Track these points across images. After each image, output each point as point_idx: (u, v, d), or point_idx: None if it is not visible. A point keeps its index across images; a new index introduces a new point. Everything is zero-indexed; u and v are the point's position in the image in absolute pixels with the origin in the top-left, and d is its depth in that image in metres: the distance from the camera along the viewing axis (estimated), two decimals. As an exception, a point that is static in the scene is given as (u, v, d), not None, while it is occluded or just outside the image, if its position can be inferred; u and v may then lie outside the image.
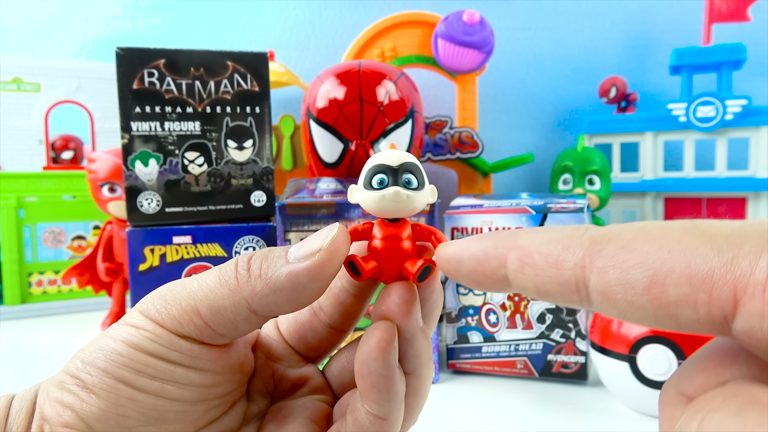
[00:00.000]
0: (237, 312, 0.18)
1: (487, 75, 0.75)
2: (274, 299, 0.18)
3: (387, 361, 0.17)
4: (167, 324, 0.18)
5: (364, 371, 0.17)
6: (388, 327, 0.17)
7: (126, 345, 0.18)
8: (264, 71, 0.43)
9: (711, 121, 0.62)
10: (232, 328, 0.18)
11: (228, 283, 0.18)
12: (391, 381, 0.17)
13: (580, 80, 0.76)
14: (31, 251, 0.64)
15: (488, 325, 0.43)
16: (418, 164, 0.18)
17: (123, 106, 0.41)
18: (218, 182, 0.43)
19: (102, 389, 0.17)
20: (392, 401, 0.18)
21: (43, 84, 0.67)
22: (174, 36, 0.82)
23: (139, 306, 0.19)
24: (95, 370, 0.17)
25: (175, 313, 0.18)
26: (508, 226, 0.42)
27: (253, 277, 0.18)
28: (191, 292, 0.18)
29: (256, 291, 0.18)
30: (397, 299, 0.18)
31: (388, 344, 0.17)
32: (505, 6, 0.77)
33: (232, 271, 0.18)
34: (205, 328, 0.18)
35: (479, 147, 0.63)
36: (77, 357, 0.18)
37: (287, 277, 0.17)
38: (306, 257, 0.17)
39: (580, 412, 0.37)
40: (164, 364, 0.18)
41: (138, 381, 0.17)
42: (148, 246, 0.42)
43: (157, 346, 0.18)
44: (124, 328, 0.18)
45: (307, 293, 0.18)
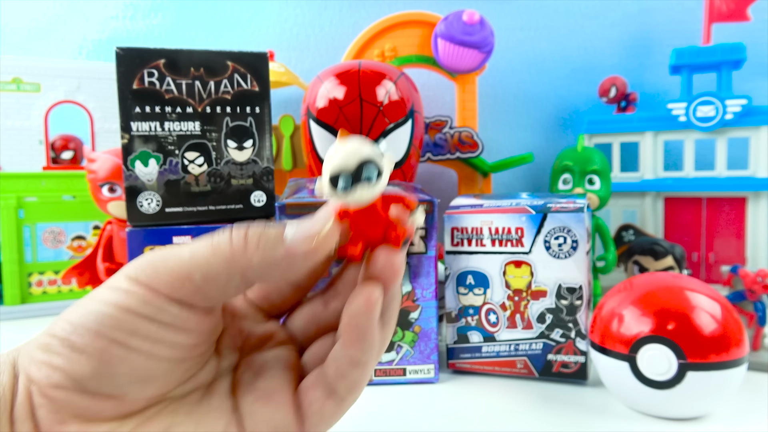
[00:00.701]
0: (230, 279, 0.19)
1: (487, 75, 0.75)
2: (268, 272, 0.19)
3: (373, 316, 0.20)
4: (160, 288, 0.19)
5: (353, 323, 0.20)
6: (377, 288, 0.20)
7: (117, 307, 0.18)
8: (264, 71, 0.43)
9: (711, 120, 0.62)
10: (222, 293, 0.19)
11: (223, 254, 0.19)
12: (375, 332, 0.20)
13: (580, 80, 0.76)
14: (31, 251, 0.64)
15: (488, 325, 0.43)
16: (372, 150, 0.20)
17: (123, 106, 0.41)
18: (218, 182, 0.43)
19: (95, 349, 0.18)
20: (373, 349, 0.20)
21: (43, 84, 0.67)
22: (174, 36, 0.82)
23: (126, 271, 0.19)
24: (86, 331, 0.18)
25: (168, 278, 0.19)
26: (508, 226, 0.42)
27: (250, 249, 0.19)
28: (183, 260, 0.19)
29: (252, 263, 0.19)
30: (387, 264, 0.20)
31: (375, 303, 0.20)
32: (505, 6, 0.77)
33: (227, 242, 0.19)
34: (196, 293, 0.19)
35: (479, 147, 0.63)
36: (63, 320, 0.19)
37: (284, 255, 0.19)
38: (304, 240, 0.19)
39: (580, 411, 0.37)
40: (155, 327, 0.19)
41: (130, 341, 0.18)
42: (148, 246, 0.42)
43: (148, 308, 0.18)
44: (113, 292, 0.19)
45: (299, 271, 0.20)
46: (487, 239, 0.42)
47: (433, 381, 0.43)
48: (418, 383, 0.42)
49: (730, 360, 0.33)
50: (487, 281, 0.43)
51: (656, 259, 0.54)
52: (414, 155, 0.53)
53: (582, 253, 0.40)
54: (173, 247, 0.20)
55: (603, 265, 0.57)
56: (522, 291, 0.42)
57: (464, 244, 0.43)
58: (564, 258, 0.41)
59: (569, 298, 0.41)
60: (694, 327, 0.33)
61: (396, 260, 0.20)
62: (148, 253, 0.20)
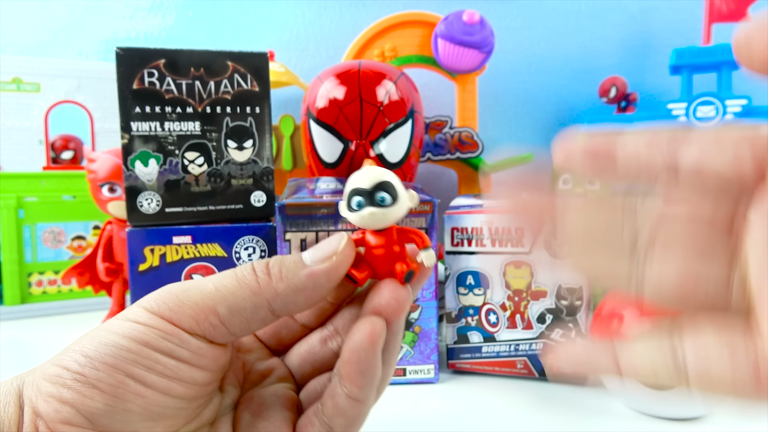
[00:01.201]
0: (256, 312, 0.19)
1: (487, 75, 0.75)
2: (294, 299, 0.20)
3: (376, 351, 0.19)
4: (181, 322, 0.18)
5: (354, 359, 0.19)
6: (380, 322, 0.20)
7: (135, 341, 0.18)
8: (264, 71, 0.43)
9: (711, 120, 0.62)
10: (246, 327, 0.19)
11: (249, 286, 0.19)
12: (376, 369, 0.20)
13: (580, 80, 0.76)
14: (30, 251, 0.64)
15: (488, 325, 0.43)
16: (392, 180, 0.21)
17: (123, 106, 0.41)
18: (218, 182, 0.43)
19: (109, 385, 0.17)
20: (372, 386, 0.20)
21: (43, 84, 0.67)
22: (174, 36, 0.82)
23: (145, 303, 0.19)
24: (102, 365, 0.17)
25: (191, 311, 0.19)
26: (508, 226, 0.42)
27: (274, 280, 0.19)
28: (207, 292, 0.19)
29: (278, 292, 0.19)
30: (392, 299, 0.20)
31: (379, 337, 0.19)
32: (505, 6, 0.77)
33: (251, 274, 0.20)
34: (220, 327, 0.19)
35: (479, 147, 0.63)
36: (76, 351, 0.18)
37: (307, 277, 0.19)
38: (323, 260, 0.20)
39: (580, 412, 0.37)
40: (173, 362, 0.18)
41: (147, 377, 0.18)
42: (148, 246, 0.42)
43: (167, 344, 0.18)
44: (130, 324, 0.18)
45: (322, 292, 0.20)
46: (487, 239, 0.42)
47: (433, 381, 0.43)
48: (418, 383, 0.42)
49: (731, 360, 0.32)
50: (487, 281, 0.43)
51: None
52: (414, 155, 0.53)
53: (582, 253, 0.40)
54: (193, 282, 0.20)
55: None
56: (522, 291, 0.42)
57: (464, 244, 0.43)
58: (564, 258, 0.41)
59: (569, 298, 0.41)
60: (695, 327, 0.33)
61: (401, 294, 0.20)
62: (167, 287, 0.20)
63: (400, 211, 0.21)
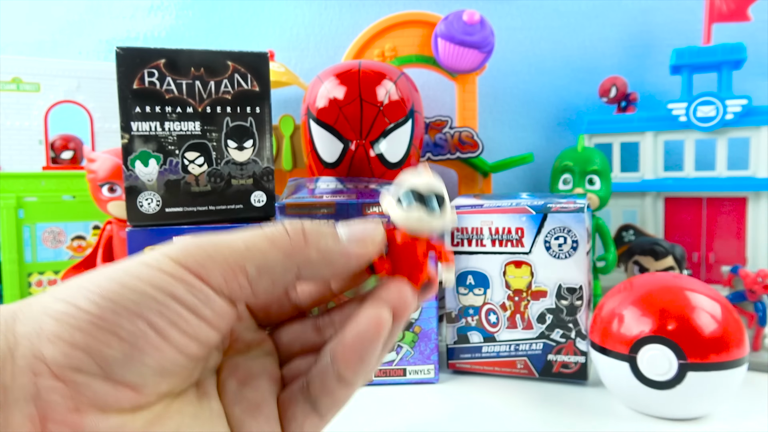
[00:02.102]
0: (284, 275, 0.19)
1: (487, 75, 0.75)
2: (322, 270, 0.19)
3: (379, 340, 0.19)
4: (210, 279, 0.17)
5: (357, 343, 0.19)
6: (388, 313, 0.20)
7: (161, 291, 0.16)
8: (264, 71, 0.43)
9: (711, 120, 0.61)
10: (270, 289, 0.19)
11: (282, 247, 0.19)
12: (376, 357, 0.20)
13: (580, 80, 0.76)
14: (30, 251, 0.64)
15: (488, 325, 0.43)
16: (445, 194, 0.21)
17: (123, 106, 0.40)
18: (218, 182, 0.43)
19: (130, 333, 0.16)
20: (366, 373, 0.20)
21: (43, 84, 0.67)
22: (174, 36, 0.82)
23: (169, 252, 0.18)
24: (124, 310, 0.16)
25: (220, 269, 0.17)
26: (508, 226, 0.42)
27: (310, 246, 0.19)
28: (238, 250, 0.18)
29: (310, 258, 0.19)
30: (405, 297, 0.20)
31: (385, 327, 0.19)
32: (505, 6, 0.77)
33: (284, 235, 0.19)
34: (246, 288, 0.18)
35: (479, 147, 0.63)
36: (92, 291, 0.16)
37: (340, 254, 0.19)
38: (359, 243, 0.20)
39: (580, 412, 0.37)
40: (195, 320, 0.17)
41: (169, 332, 0.16)
42: (148, 246, 0.42)
43: (194, 300, 0.17)
44: (154, 272, 0.17)
45: (347, 271, 0.20)
46: (488, 239, 0.42)
47: (433, 381, 0.43)
48: (418, 383, 0.42)
49: (731, 360, 0.32)
50: (488, 281, 0.43)
51: (656, 260, 0.54)
52: (414, 155, 0.53)
53: (582, 253, 0.40)
54: (221, 236, 0.18)
55: (603, 265, 0.57)
56: (522, 291, 0.42)
57: (464, 245, 0.43)
58: (564, 258, 0.41)
59: (569, 298, 0.41)
60: (695, 327, 0.33)
61: (409, 295, 0.20)
62: (191, 237, 0.18)
63: (443, 225, 0.21)
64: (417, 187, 0.21)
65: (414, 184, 0.21)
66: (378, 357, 0.20)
